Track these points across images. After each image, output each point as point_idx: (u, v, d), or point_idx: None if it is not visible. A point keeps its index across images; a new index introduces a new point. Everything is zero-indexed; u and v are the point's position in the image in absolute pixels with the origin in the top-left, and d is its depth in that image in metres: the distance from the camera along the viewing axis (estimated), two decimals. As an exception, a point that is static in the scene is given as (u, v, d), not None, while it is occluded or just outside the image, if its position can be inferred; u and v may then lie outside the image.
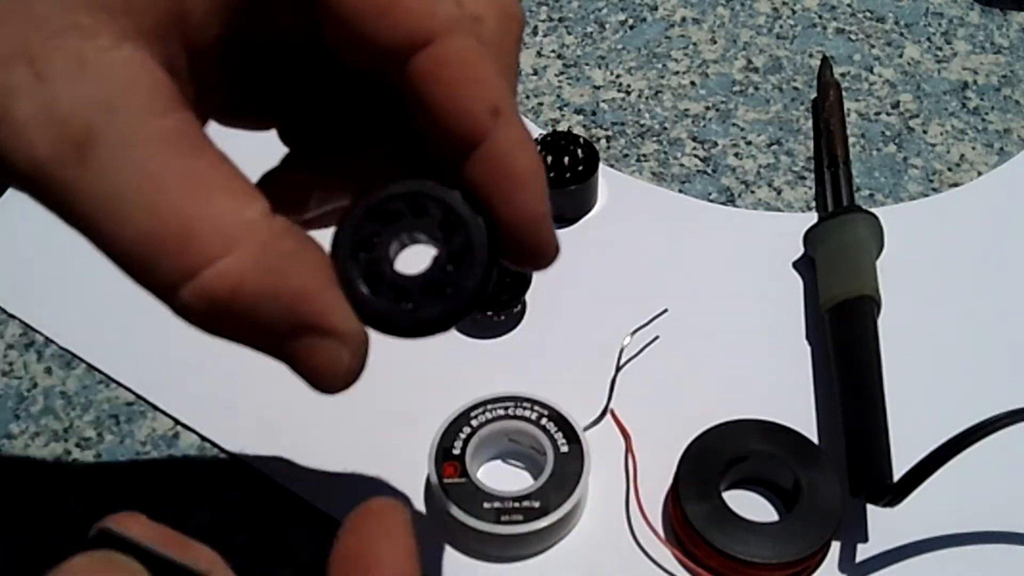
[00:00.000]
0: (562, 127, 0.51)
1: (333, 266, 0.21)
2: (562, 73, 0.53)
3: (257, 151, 0.26)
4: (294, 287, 0.20)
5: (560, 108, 0.51)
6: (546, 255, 0.23)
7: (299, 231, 0.21)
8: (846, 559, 0.36)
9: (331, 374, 0.21)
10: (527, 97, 0.52)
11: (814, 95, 0.52)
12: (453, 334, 0.42)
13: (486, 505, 0.35)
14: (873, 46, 0.54)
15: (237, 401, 0.41)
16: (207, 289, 0.19)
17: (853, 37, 0.54)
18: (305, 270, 0.20)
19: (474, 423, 0.37)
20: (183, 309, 0.20)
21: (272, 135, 0.28)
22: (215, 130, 0.24)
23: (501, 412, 0.37)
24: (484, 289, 0.22)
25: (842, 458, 0.37)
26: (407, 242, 0.23)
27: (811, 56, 0.53)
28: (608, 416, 0.39)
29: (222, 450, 0.40)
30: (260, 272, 0.19)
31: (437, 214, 0.22)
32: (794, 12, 0.56)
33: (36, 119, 0.18)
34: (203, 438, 0.40)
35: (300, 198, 0.26)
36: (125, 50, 0.19)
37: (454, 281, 0.22)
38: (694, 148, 0.50)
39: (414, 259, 0.23)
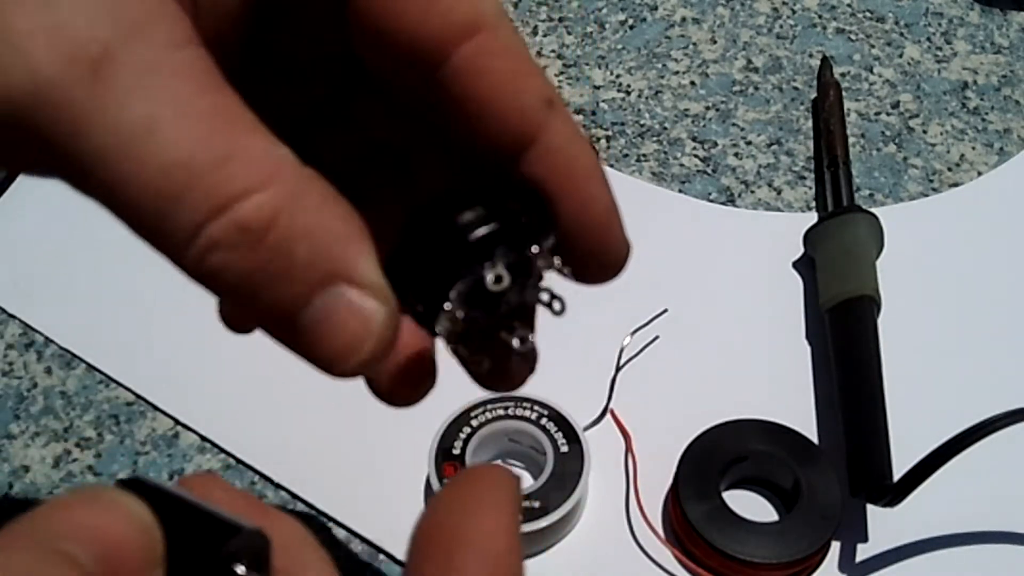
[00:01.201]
0: (562, 127, 0.51)
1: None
2: (562, 73, 0.53)
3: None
4: (332, 230, 0.18)
5: (560, 108, 0.51)
6: (618, 256, 0.21)
7: (326, 181, 0.19)
8: (846, 559, 0.36)
9: (359, 336, 0.18)
10: (527, 97, 0.52)
11: (814, 95, 0.52)
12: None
13: (486, 505, 0.35)
14: (873, 46, 0.54)
15: (237, 401, 0.41)
16: (241, 221, 0.17)
17: (853, 37, 0.54)
18: (341, 215, 0.18)
19: (474, 423, 0.37)
20: (206, 249, 0.17)
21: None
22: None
23: (501, 412, 0.37)
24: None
25: (842, 458, 0.37)
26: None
27: (811, 56, 0.53)
28: (608, 416, 0.39)
29: (222, 450, 0.40)
30: (297, 209, 0.17)
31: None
32: (794, 12, 0.56)
33: (42, 33, 0.16)
34: (203, 438, 0.40)
35: None
36: None
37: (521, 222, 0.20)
38: (694, 148, 0.50)
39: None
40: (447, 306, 0.19)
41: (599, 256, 0.21)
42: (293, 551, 0.18)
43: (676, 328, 0.42)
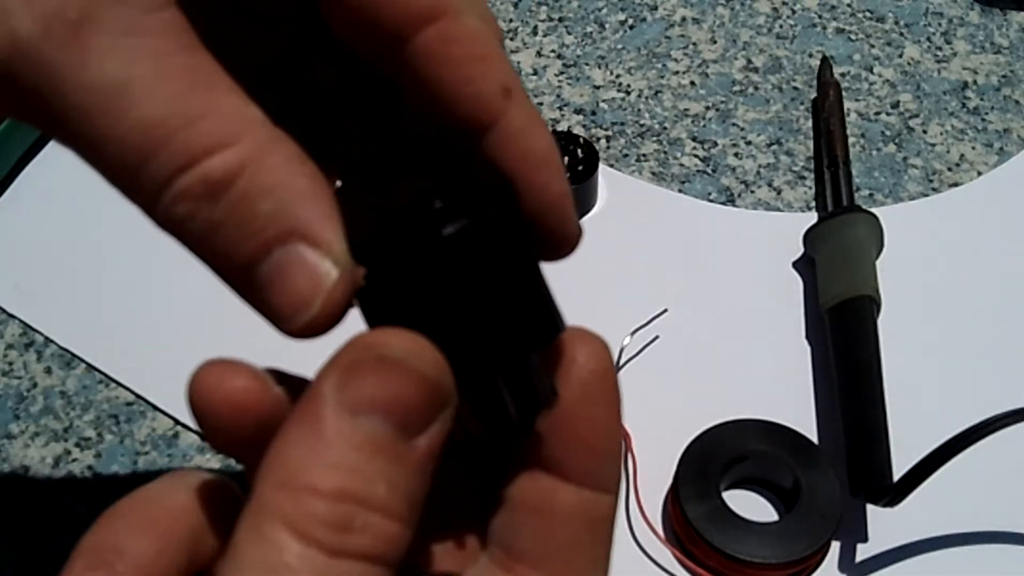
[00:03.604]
0: (562, 127, 0.51)
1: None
2: (562, 73, 0.53)
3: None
4: (296, 188, 0.18)
5: (560, 108, 0.51)
6: (572, 237, 0.22)
7: (295, 144, 0.19)
8: (846, 559, 0.36)
9: (309, 294, 0.18)
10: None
11: (814, 95, 0.52)
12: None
13: (486, 505, 0.35)
14: (873, 46, 0.54)
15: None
16: (207, 175, 0.18)
17: (853, 37, 0.54)
18: (307, 175, 0.18)
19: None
20: (174, 201, 0.18)
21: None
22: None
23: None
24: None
25: (842, 458, 0.37)
26: None
27: (811, 56, 0.53)
28: (608, 416, 0.39)
29: (222, 450, 0.40)
30: (263, 166, 0.18)
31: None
32: (794, 12, 0.56)
33: None
34: (203, 438, 0.40)
35: None
36: None
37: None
38: (694, 148, 0.50)
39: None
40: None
41: (552, 239, 0.22)
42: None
43: (676, 328, 0.42)
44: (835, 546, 0.36)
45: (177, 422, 0.41)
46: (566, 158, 0.45)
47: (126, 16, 0.17)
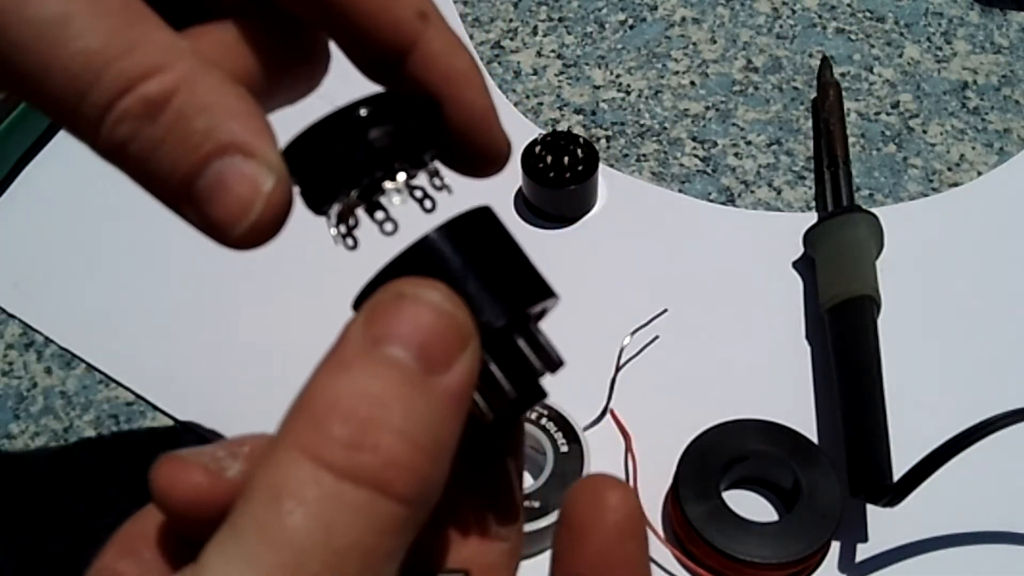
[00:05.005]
0: (562, 127, 0.51)
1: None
2: (562, 73, 0.53)
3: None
4: (229, 107, 0.20)
5: (560, 108, 0.51)
6: (499, 150, 0.23)
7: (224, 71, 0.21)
8: (846, 559, 0.36)
9: (248, 199, 0.19)
10: (527, 97, 0.52)
11: (814, 95, 0.52)
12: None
13: (486, 505, 0.35)
14: (873, 46, 0.54)
15: (237, 401, 0.41)
16: (145, 95, 0.19)
17: (853, 37, 0.54)
18: (237, 95, 0.20)
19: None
20: (115, 123, 0.19)
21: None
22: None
23: (501, 412, 0.37)
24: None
25: (842, 458, 0.37)
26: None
27: (811, 56, 0.53)
28: (608, 416, 0.39)
29: (222, 450, 0.40)
30: (196, 87, 0.19)
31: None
32: (794, 12, 0.56)
33: None
34: (203, 438, 0.40)
35: None
36: None
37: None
38: (694, 148, 0.50)
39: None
40: (343, 200, 0.21)
41: (482, 153, 0.23)
42: None
43: (676, 328, 0.42)
44: (835, 546, 0.36)
45: (177, 422, 0.41)
46: (566, 158, 0.45)
47: None
